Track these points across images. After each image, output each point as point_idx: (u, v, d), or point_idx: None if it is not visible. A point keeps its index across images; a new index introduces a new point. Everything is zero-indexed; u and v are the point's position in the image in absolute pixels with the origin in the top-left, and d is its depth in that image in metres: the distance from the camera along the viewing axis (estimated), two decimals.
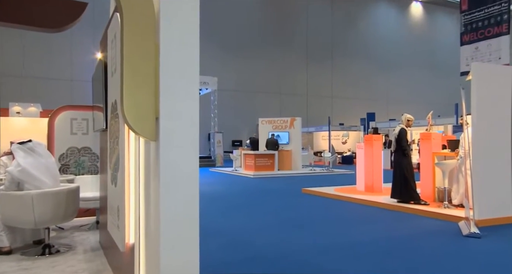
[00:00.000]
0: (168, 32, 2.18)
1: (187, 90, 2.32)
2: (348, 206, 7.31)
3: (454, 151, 6.74)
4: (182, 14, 2.22)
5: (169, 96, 2.25)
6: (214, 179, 12.96)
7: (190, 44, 2.29)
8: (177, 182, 2.26)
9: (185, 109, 2.31)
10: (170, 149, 2.25)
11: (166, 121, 2.25)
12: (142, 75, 2.18)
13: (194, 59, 2.32)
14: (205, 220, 5.63)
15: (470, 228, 4.84)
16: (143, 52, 2.17)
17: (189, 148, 2.32)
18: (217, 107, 20.30)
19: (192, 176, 2.32)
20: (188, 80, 2.31)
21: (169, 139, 2.26)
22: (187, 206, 2.27)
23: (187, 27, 2.27)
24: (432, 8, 31.80)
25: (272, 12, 26.41)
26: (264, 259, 3.96)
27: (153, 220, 2.30)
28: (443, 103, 23.65)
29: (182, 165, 2.29)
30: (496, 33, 12.55)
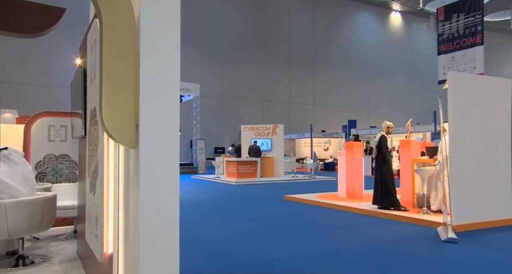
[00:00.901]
0: (149, 39, 2.17)
1: (168, 98, 2.30)
2: (330, 212, 7.36)
3: (432, 158, 6.90)
4: (163, 21, 2.22)
5: (149, 103, 2.23)
6: (196, 186, 12.86)
7: (171, 51, 2.28)
8: (157, 190, 2.23)
9: (166, 117, 2.29)
10: (150, 156, 2.23)
11: (146, 128, 2.23)
12: (122, 82, 2.16)
13: (175, 66, 2.32)
14: (186, 227, 5.58)
15: (447, 233, 4.93)
16: (123, 59, 2.15)
17: (169, 155, 2.30)
18: (199, 114, 20.23)
19: (173, 183, 2.30)
20: (169, 88, 2.30)
21: (149, 146, 2.23)
22: (167, 214, 2.25)
23: (168, 34, 2.26)
24: (410, 18, 32.63)
25: (255, 19, 26.61)
26: (246, 267, 3.94)
27: (133, 229, 2.26)
28: (422, 111, 24.17)
29: (162, 172, 2.26)
30: (471, 44, 12.97)
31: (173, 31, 2.27)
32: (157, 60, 2.24)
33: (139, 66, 2.18)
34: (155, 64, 2.23)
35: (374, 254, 4.39)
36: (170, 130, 2.32)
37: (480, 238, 5.13)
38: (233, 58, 25.76)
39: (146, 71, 2.20)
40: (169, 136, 2.31)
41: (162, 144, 2.28)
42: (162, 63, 2.26)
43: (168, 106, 2.31)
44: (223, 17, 25.51)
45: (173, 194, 2.29)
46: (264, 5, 26.87)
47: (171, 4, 2.21)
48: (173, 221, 2.25)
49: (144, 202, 2.17)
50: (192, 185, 13.24)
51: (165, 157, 2.28)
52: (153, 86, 2.23)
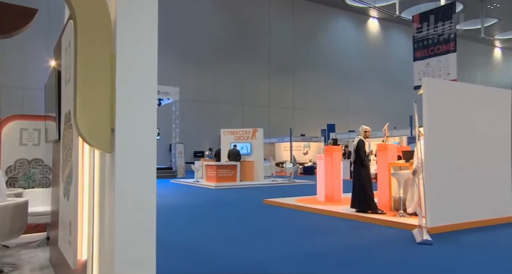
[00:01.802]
0: (125, 42, 2.14)
1: (145, 101, 2.28)
2: (309, 216, 7.41)
3: (408, 162, 7.04)
4: (140, 24, 2.19)
5: (125, 107, 2.19)
6: (175, 191, 12.71)
7: (148, 55, 2.26)
8: (133, 195, 2.20)
9: (143, 120, 2.26)
10: (126, 160, 2.19)
11: (122, 132, 2.19)
12: (97, 86, 2.12)
13: (152, 69, 2.29)
14: (165, 232, 5.50)
15: (422, 235, 5.04)
16: (98, 62, 2.11)
17: (146, 159, 2.26)
18: (178, 117, 20.05)
19: (149, 188, 2.27)
20: (146, 91, 2.27)
21: (125, 150, 2.19)
22: (143, 219, 2.21)
23: (145, 37, 2.23)
24: (387, 25, 33.38)
25: (235, 24, 26.66)
26: (225, 271, 3.91)
27: (108, 234, 2.21)
28: (399, 115, 24.70)
29: (138, 177, 2.23)
30: (445, 51, 13.35)
31: (150, 34, 2.25)
32: (134, 63, 2.21)
33: (115, 70, 2.14)
34: (131, 67, 2.20)
35: (351, 257, 4.44)
36: (147, 134, 2.29)
37: (454, 240, 5.26)
38: (213, 62, 25.71)
39: (122, 75, 2.16)
40: (146, 140, 2.28)
41: (139, 148, 2.25)
42: (139, 67, 2.23)
43: (145, 110, 2.28)
44: (203, 21, 25.45)
45: (149, 199, 2.25)
46: (244, 10, 26.96)
47: (148, 7, 2.19)
48: (149, 227, 2.22)
49: (120, 207, 2.13)
50: (171, 189, 13.08)
51: (141, 161, 2.25)
52: (129, 89, 2.20)
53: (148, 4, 2.20)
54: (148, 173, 2.28)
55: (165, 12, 23.01)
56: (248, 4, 27.06)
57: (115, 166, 2.15)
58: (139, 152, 2.24)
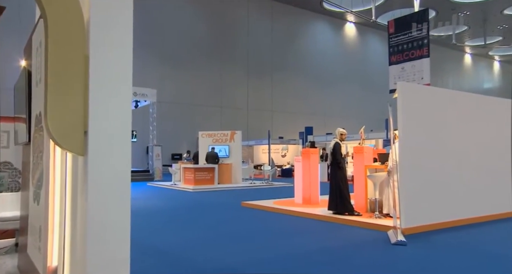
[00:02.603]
0: (99, 43, 2.10)
1: (120, 103, 2.23)
2: (286, 218, 7.43)
3: (384, 164, 7.17)
4: (115, 24, 2.15)
5: (99, 109, 2.15)
6: (152, 194, 12.52)
7: (123, 55, 2.22)
8: (107, 199, 2.15)
9: (117, 123, 2.21)
10: (99, 164, 2.14)
11: (95, 135, 2.14)
12: (69, 87, 2.06)
13: (127, 71, 2.25)
14: (140, 236, 5.40)
15: (397, 236, 5.14)
16: (71, 63, 2.05)
17: (120, 162, 2.22)
18: (156, 119, 19.79)
19: (124, 192, 2.22)
20: (121, 93, 2.23)
21: (99, 153, 2.15)
22: (117, 224, 2.16)
23: (120, 37, 2.19)
24: (364, 30, 34.02)
25: (213, 26, 26.58)
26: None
27: (80, 240, 2.15)
28: (376, 118, 25.18)
29: (112, 180, 2.18)
30: (419, 56, 13.70)
31: (125, 35, 2.21)
32: (108, 64, 2.17)
33: (88, 71, 2.09)
34: (105, 69, 2.16)
35: (327, 258, 4.47)
36: (121, 137, 2.24)
37: (427, 240, 5.38)
38: (191, 64, 25.53)
39: (96, 76, 2.11)
40: (120, 142, 2.23)
41: (113, 150, 2.20)
42: (113, 68, 2.19)
43: (120, 112, 2.24)
44: (181, 23, 25.26)
45: (123, 202, 2.21)
46: (223, 12, 26.93)
47: (124, 7, 2.15)
48: (123, 231, 2.17)
49: (93, 211, 2.08)
50: (148, 192, 12.88)
51: (115, 164, 2.20)
52: (103, 91, 2.15)
53: (123, 4, 2.17)
54: (123, 176, 2.23)
55: (143, 13, 22.72)
56: (227, 6, 27.05)
57: (88, 169, 2.10)
58: (113, 155, 2.20)
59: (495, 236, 5.83)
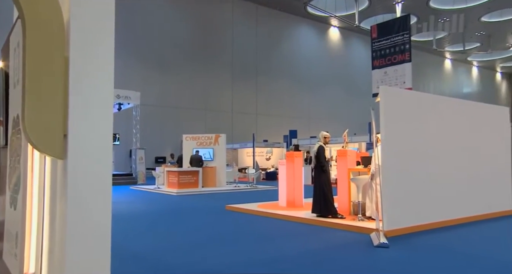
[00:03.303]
0: (80, 44, 2.06)
1: (101, 106, 2.20)
2: (271, 222, 7.43)
3: (366, 167, 7.26)
4: (96, 25, 2.12)
5: (79, 112, 2.11)
6: (135, 197, 12.35)
7: (104, 57, 2.18)
8: (87, 203, 2.10)
9: (98, 126, 2.18)
10: (79, 167, 2.10)
11: (75, 138, 2.10)
12: (48, 89, 2.02)
13: (109, 73, 2.22)
14: (122, 241, 5.32)
15: (379, 238, 5.19)
16: (50, 64, 2.01)
17: (101, 166, 2.18)
18: (139, 122, 19.56)
19: (104, 196, 2.18)
20: (102, 95, 2.19)
21: (78, 157, 2.10)
22: (98, 229, 2.12)
23: (101, 39, 2.16)
24: (347, 34, 34.44)
25: (198, 29, 26.50)
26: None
27: (58, 245, 2.10)
28: (359, 122, 25.42)
29: (93, 184, 2.14)
30: (401, 60, 13.95)
31: (107, 36, 2.18)
32: (89, 66, 2.13)
33: (68, 73, 2.05)
34: (86, 70, 2.12)
35: (311, 261, 4.48)
36: (102, 140, 2.21)
37: (410, 242, 5.46)
38: (175, 67, 25.37)
39: (76, 78, 2.08)
40: (101, 146, 2.20)
41: (93, 154, 2.16)
42: (94, 70, 2.15)
43: (101, 114, 2.20)
44: (165, 25, 25.11)
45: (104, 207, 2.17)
46: (207, 15, 26.89)
47: (105, 8, 2.12)
48: (104, 236, 2.13)
49: (72, 216, 2.03)
50: (131, 196, 12.70)
51: (96, 168, 2.16)
52: (84, 93, 2.12)
53: (104, 5, 2.14)
54: (103, 180, 2.20)
55: (127, 15, 22.50)
56: (211, 9, 27.02)
57: (67, 173, 2.06)
58: (94, 159, 2.16)
59: (475, 237, 5.95)
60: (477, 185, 7.45)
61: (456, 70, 44.31)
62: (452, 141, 7.18)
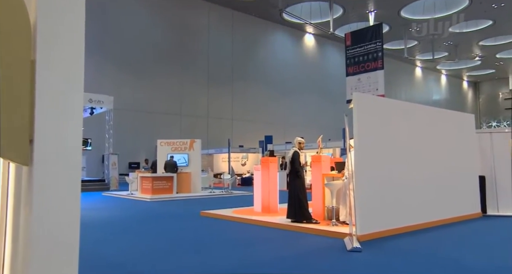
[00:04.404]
0: (47, 46, 1.99)
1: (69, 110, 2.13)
2: (246, 227, 7.40)
3: (340, 172, 7.36)
4: (64, 28, 2.06)
5: (46, 116, 2.03)
6: (107, 204, 12.05)
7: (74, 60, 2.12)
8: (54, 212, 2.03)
9: (66, 131, 2.11)
10: (46, 174, 2.02)
11: (42, 143, 2.03)
12: (12, 93, 1.94)
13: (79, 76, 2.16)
14: (92, 249, 5.17)
15: (353, 243, 5.26)
16: (14, 68, 1.94)
17: (69, 173, 2.11)
18: (112, 127, 19.16)
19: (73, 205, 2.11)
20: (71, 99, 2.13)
21: (45, 163, 2.03)
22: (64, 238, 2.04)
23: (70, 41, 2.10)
24: (322, 41, 35.04)
25: (173, 33, 26.31)
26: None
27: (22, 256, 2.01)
28: (334, 128, 25.82)
29: (60, 192, 2.06)
30: (374, 68, 14.29)
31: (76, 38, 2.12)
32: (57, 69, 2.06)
33: (34, 77, 1.98)
34: (54, 74, 2.05)
35: (285, 267, 4.49)
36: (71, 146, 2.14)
37: (382, 245, 5.55)
38: (150, 71, 25.04)
39: (43, 82, 2.00)
40: (70, 152, 2.12)
41: (62, 160, 2.09)
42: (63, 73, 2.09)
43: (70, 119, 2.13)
44: (140, 29, 24.79)
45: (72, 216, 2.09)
46: (183, 19, 26.75)
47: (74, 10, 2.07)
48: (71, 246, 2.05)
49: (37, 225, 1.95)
50: (103, 203, 12.38)
51: (64, 175, 2.09)
52: (51, 97, 2.05)
53: (74, 6, 2.08)
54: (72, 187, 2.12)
55: (100, 18, 22.07)
56: (187, 14, 26.91)
57: (33, 181, 1.98)
58: (62, 165, 2.08)
59: (445, 240, 6.11)
60: (446, 189, 7.69)
61: (426, 78, 45.81)
62: (422, 146, 7.39)
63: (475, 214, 8.31)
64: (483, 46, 35.05)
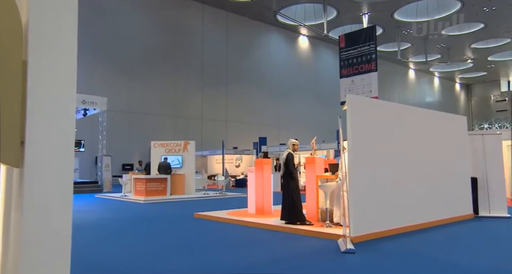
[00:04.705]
0: (39, 47, 1.98)
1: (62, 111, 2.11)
2: (239, 229, 7.39)
3: (334, 174, 7.38)
4: (57, 28, 2.04)
5: (38, 118, 2.01)
6: (100, 206, 11.97)
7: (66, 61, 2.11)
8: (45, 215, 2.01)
9: (58, 132, 2.09)
10: (37, 176, 2.00)
11: (33, 145, 2.00)
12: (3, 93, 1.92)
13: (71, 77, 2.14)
14: (84, 251, 5.12)
15: (346, 244, 5.27)
16: (6, 69, 1.92)
17: (61, 175, 2.09)
18: (106, 129, 19.05)
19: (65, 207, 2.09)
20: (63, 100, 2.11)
21: (37, 165, 2.01)
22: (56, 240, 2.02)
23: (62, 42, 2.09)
24: (316, 43, 35.15)
25: (167, 35, 26.24)
26: None
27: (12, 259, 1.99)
28: (328, 129, 25.89)
29: (52, 194, 2.04)
30: (367, 70, 14.34)
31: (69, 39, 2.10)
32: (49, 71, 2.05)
33: (26, 77, 1.96)
34: (46, 75, 2.04)
35: (278, 268, 4.48)
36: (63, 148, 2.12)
37: (375, 247, 5.57)
38: (144, 73, 24.94)
39: (35, 83, 1.99)
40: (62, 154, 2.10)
41: (53, 162, 2.07)
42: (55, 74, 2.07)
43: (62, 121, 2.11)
44: (134, 30, 24.70)
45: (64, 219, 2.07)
46: (178, 21, 26.70)
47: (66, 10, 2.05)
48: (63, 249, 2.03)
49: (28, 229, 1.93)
50: (95, 205, 12.30)
51: (56, 177, 2.07)
52: (43, 98, 2.03)
53: (66, 6, 2.06)
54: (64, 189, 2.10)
55: (94, 19, 21.95)
56: (181, 15, 26.86)
57: (24, 183, 1.96)
58: (54, 167, 2.06)
59: (439, 241, 6.14)
60: (438, 190, 7.73)
61: (419, 80, 46.12)
62: (416, 148, 7.43)
63: (467, 215, 8.37)
64: (475, 49, 35.37)
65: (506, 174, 9.51)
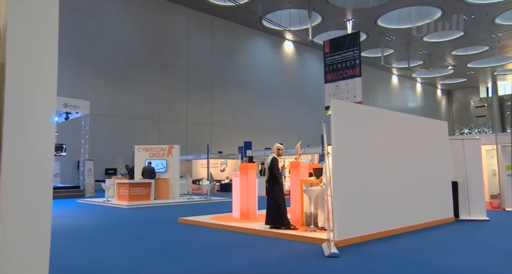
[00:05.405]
0: (17, 50, 1.94)
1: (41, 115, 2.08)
2: (224, 234, 7.35)
3: (318, 178, 7.42)
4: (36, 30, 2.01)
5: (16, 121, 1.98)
6: (82, 211, 11.75)
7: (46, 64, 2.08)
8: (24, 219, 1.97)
9: (37, 136, 2.05)
10: (15, 181, 1.96)
11: (11, 150, 1.97)
12: None
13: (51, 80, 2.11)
14: (64, 258, 5.01)
15: (330, 248, 5.30)
16: None
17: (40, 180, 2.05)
18: (88, 133, 18.75)
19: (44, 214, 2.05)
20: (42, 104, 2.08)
21: (15, 170, 1.97)
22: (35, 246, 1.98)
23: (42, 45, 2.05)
24: (301, 48, 35.44)
25: (152, 37, 26.08)
26: None
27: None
28: (313, 134, 26.01)
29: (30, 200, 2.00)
30: (351, 75, 14.51)
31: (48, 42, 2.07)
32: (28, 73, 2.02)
33: (4, 80, 1.93)
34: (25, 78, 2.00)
35: (263, 273, 4.47)
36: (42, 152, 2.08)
37: (359, 251, 5.61)
38: (128, 76, 24.70)
39: (12, 86, 1.95)
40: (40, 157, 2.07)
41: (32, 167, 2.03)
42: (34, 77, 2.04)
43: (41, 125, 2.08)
44: (118, 33, 24.47)
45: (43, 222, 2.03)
46: (163, 24, 26.58)
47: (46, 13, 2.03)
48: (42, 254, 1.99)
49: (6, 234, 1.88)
50: (77, 210, 12.06)
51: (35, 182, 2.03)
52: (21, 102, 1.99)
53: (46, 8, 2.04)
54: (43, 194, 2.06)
55: (77, 22, 21.66)
56: (167, 19, 26.76)
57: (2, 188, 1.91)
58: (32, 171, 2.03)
59: (422, 245, 6.22)
60: (420, 195, 7.85)
61: (402, 85, 46.92)
62: (398, 153, 7.54)
63: (448, 219, 8.52)
64: (455, 56, 36.21)
65: (485, 178, 9.73)
